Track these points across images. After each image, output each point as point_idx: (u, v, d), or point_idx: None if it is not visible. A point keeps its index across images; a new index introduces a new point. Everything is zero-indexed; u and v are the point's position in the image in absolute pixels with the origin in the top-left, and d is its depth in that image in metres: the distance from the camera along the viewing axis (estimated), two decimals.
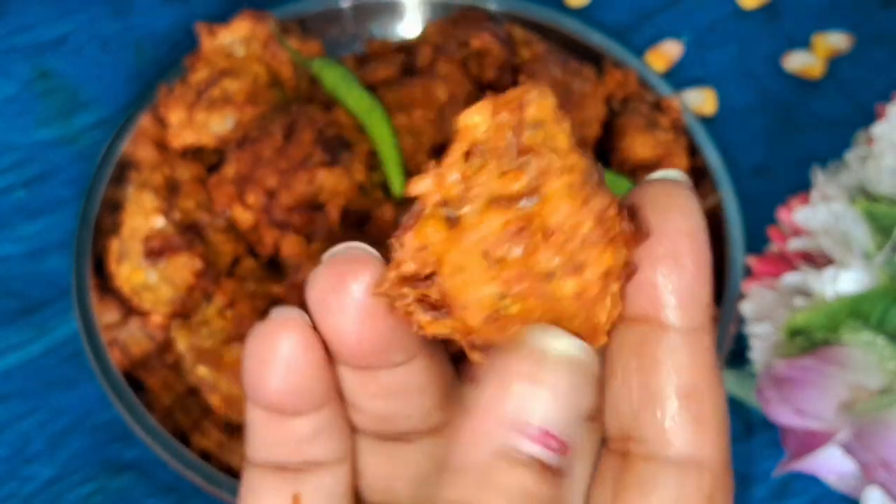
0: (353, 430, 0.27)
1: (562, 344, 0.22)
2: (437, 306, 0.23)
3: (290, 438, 0.25)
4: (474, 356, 0.23)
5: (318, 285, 0.23)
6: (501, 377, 0.22)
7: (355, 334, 0.23)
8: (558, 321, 0.22)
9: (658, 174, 0.24)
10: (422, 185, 0.23)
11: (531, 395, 0.22)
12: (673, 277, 0.23)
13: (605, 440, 0.24)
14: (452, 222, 0.22)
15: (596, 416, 0.24)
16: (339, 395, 0.26)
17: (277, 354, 0.24)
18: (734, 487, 0.24)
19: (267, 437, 0.25)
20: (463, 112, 0.22)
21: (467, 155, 0.22)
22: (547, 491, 0.21)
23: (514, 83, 0.57)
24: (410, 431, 0.27)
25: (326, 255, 0.24)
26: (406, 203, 0.52)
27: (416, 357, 0.25)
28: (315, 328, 0.24)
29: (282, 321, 0.24)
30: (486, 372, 0.22)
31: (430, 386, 0.26)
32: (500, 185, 0.22)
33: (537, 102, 0.22)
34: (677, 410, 0.23)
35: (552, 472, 0.22)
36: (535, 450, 0.21)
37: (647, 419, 0.23)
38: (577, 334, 0.22)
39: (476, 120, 0.22)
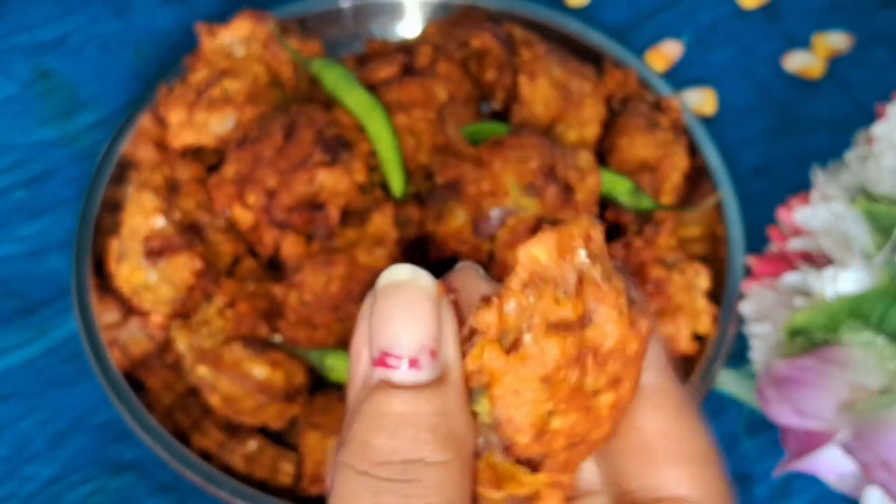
0: None
1: (386, 275, 0.24)
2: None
3: None
4: (520, 471, 0.24)
5: None
6: (358, 322, 0.24)
7: None
8: (594, 429, 0.24)
9: None
10: (487, 318, 0.24)
11: (373, 327, 0.24)
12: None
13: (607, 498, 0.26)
14: (510, 348, 0.23)
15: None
16: None
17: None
18: None
19: None
20: (523, 244, 0.23)
21: (524, 286, 0.24)
22: (401, 407, 0.23)
23: (514, 83, 0.57)
24: None
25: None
26: (405, 203, 0.52)
27: None
28: None
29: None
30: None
31: None
32: (557, 313, 0.23)
33: (594, 237, 0.24)
34: (658, 456, 0.25)
35: (406, 389, 0.23)
36: (383, 373, 0.23)
37: (634, 469, 0.25)
38: (606, 435, 0.24)
39: (537, 253, 0.23)
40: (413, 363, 0.23)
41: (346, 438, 0.24)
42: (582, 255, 0.24)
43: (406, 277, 0.24)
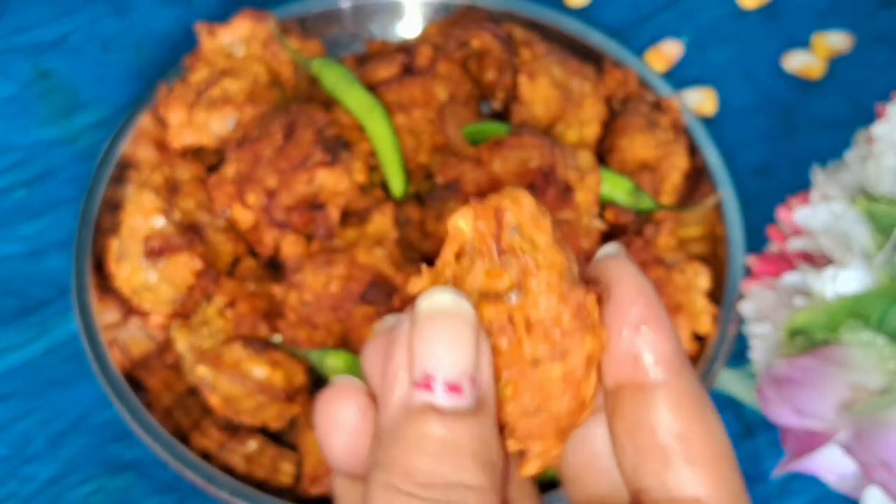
0: None
1: (429, 301, 0.24)
2: None
3: None
4: None
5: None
6: (394, 344, 0.25)
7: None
8: (548, 400, 0.25)
9: (600, 253, 0.27)
10: (418, 284, 0.25)
11: (413, 350, 0.24)
12: (643, 339, 0.25)
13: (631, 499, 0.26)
14: None
15: None
16: None
17: (340, 421, 0.26)
18: None
19: (349, 500, 0.28)
20: (450, 217, 0.25)
21: (458, 256, 0.25)
22: (444, 432, 0.24)
23: (514, 83, 0.57)
24: None
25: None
26: (405, 203, 0.52)
27: None
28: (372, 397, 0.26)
29: (341, 389, 0.27)
30: (388, 343, 0.25)
31: None
32: (487, 284, 0.25)
33: (513, 208, 0.25)
34: (670, 457, 0.25)
35: (449, 415, 0.24)
36: (425, 396, 0.24)
37: (648, 471, 0.25)
38: (571, 409, 0.25)
39: (461, 225, 0.25)
40: (455, 389, 0.24)
41: (387, 460, 0.24)
42: (510, 226, 0.24)
43: (449, 304, 0.24)
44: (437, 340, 0.24)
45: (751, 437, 0.53)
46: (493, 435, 0.25)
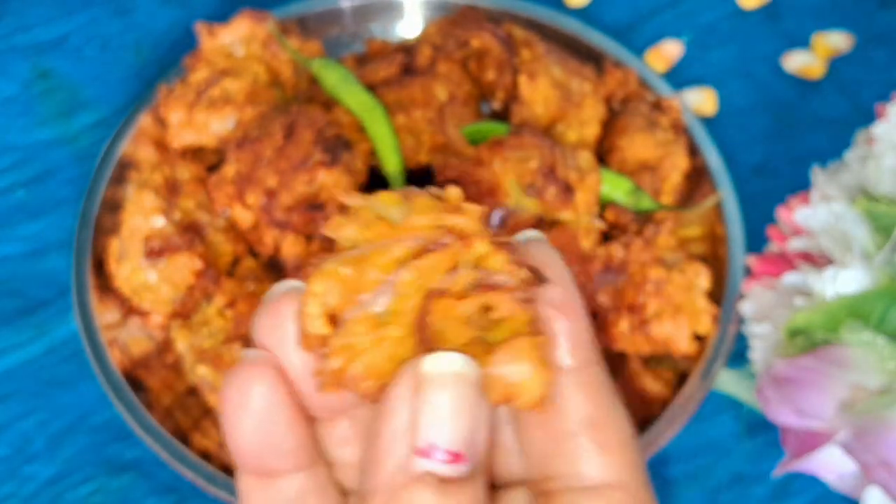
0: (344, 492, 0.28)
1: (435, 362, 0.24)
2: None
3: (277, 501, 0.26)
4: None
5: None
6: (393, 404, 0.24)
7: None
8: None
9: (520, 237, 0.27)
10: (340, 229, 0.25)
11: (417, 415, 0.23)
12: (559, 325, 0.25)
13: (529, 487, 0.26)
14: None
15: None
16: (324, 457, 0.27)
17: (249, 408, 0.25)
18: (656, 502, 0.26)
19: (255, 501, 0.26)
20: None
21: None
22: (444, 499, 0.23)
23: (514, 83, 0.57)
24: None
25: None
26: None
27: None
28: (285, 377, 0.25)
29: (250, 367, 0.25)
30: (382, 400, 0.24)
31: None
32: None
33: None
34: (581, 443, 0.25)
35: (450, 482, 0.23)
36: (427, 465, 0.23)
37: (558, 457, 0.25)
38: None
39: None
40: (458, 457, 0.23)
41: None
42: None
43: (458, 369, 0.24)
44: (445, 409, 0.23)
45: (751, 437, 0.53)
46: (485, 493, 0.24)
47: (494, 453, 0.27)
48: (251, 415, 0.25)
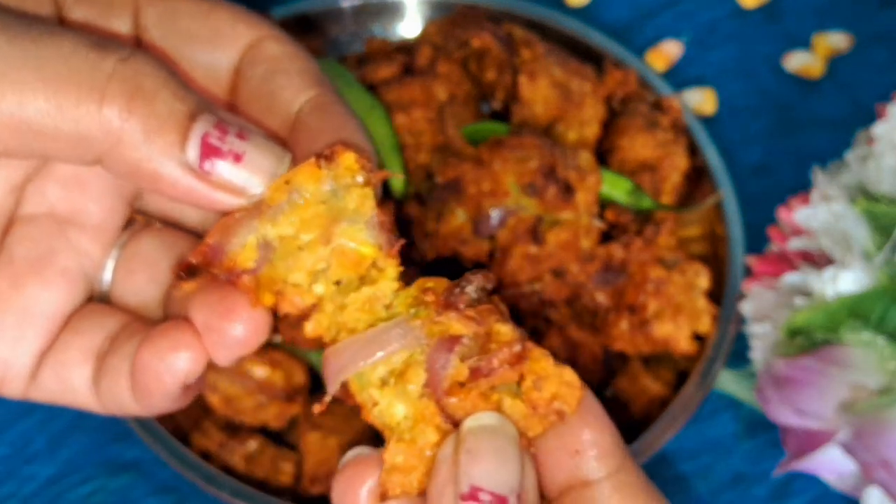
0: None
1: (472, 420, 0.25)
2: None
3: None
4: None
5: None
6: (437, 466, 0.25)
7: None
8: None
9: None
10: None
11: (459, 465, 0.25)
12: (584, 440, 0.26)
13: None
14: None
15: None
16: None
17: None
18: None
19: None
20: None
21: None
22: None
23: (514, 83, 0.57)
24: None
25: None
26: (405, 203, 0.52)
27: None
28: None
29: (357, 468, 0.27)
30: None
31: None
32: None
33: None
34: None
35: None
36: None
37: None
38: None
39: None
40: (503, 501, 0.24)
41: None
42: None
43: (496, 423, 0.25)
44: (486, 455, 0.25)
45: (751, 437, 0.53)
46: None
47: None
48: None
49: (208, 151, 0.26)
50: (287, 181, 0.26)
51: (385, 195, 0.52)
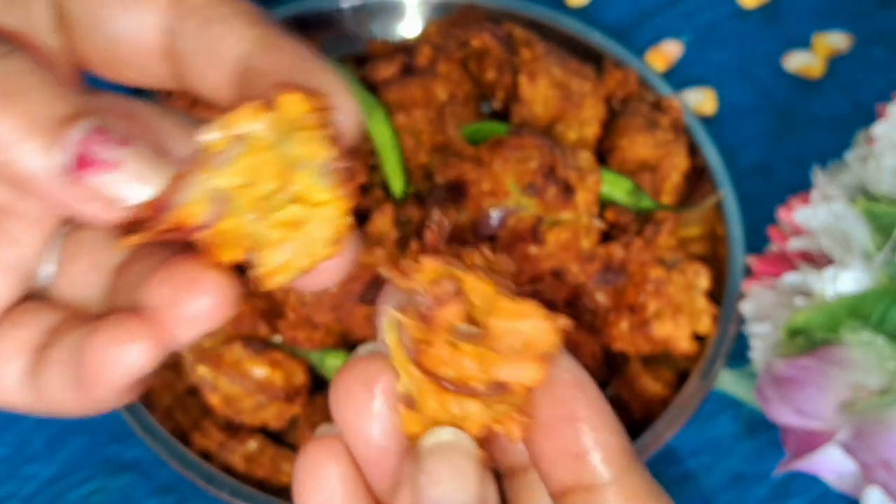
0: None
1: (430, 437, 0.25)
2: None
3: None
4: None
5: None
6: (400, 484, 0.25)
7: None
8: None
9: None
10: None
11: (419, 483, 0.24)
12: (588, 437, 0.24)
13: None
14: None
15: None
16: None
17: (319, 488, 0.26)
18: None
19: None
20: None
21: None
22: None
23: (514, 83, 0.57)
24: None
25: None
26: (405, 203, 0.52)
27: None
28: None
29: (322, 445, 0.26)
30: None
31: None
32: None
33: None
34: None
35: None
36: None
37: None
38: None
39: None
40: None
41: None
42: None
43: (453, 439, 0.24)
44: (443, 475, 0.24)
45: (751, 437, 0.53)
46: None
47: None
48: (320, 494, 0.26)
49: (82, 158, 0.24)
50: (226, 127, 0.25)
51: (385, 195, 0.52)
